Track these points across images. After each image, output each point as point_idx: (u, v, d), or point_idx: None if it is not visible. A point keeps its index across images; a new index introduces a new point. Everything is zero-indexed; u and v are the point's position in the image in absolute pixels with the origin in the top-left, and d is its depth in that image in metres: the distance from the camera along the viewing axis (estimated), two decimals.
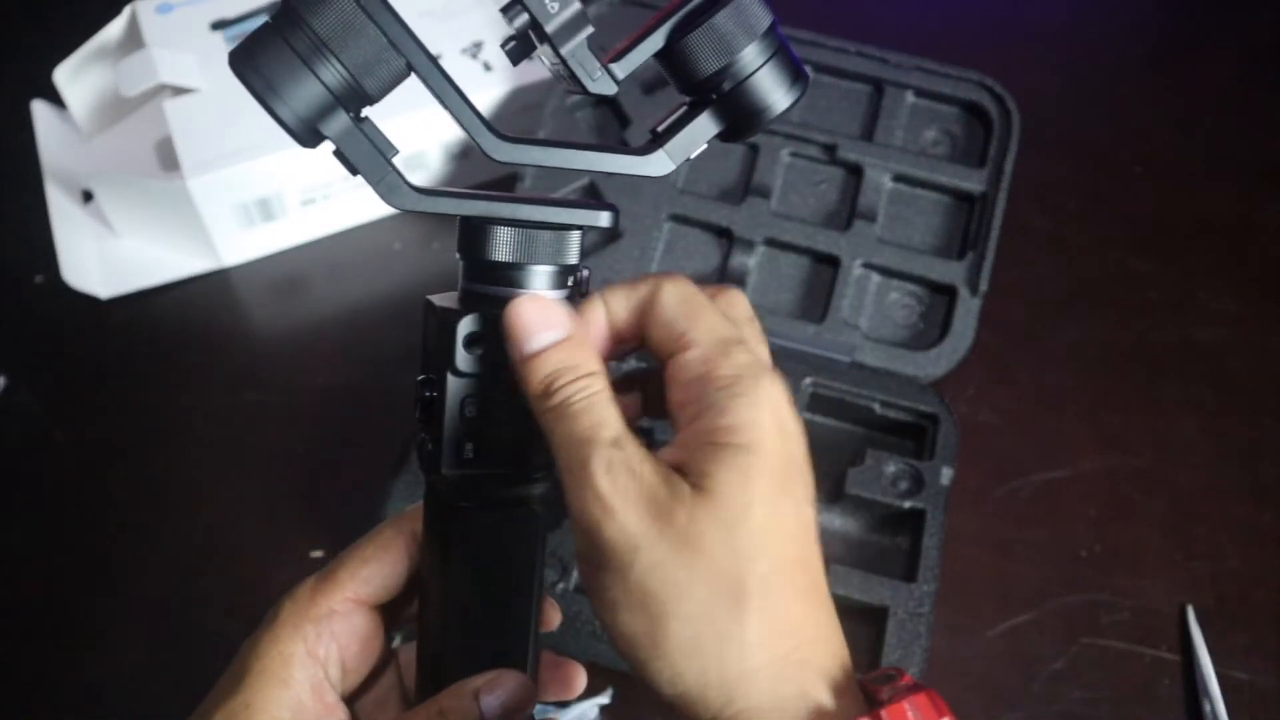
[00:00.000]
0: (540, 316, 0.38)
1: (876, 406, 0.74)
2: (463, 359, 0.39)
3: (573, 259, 0.40)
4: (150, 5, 0.83)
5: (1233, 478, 0.77)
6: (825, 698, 0.35)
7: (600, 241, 0.80)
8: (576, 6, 0.37)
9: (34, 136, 0.85)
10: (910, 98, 0.84)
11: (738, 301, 0.40)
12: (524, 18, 0.37)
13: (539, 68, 0.86)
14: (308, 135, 0.38)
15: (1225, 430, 0.79)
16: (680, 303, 0.39)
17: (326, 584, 0.43)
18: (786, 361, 0.75)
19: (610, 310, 0.40)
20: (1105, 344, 0.82)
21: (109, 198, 0.80)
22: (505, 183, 0.83)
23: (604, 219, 0.40)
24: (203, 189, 0.76)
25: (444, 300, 0.40)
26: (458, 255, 0.40)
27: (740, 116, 0.39)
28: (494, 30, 0.85)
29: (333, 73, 0.37)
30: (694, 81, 0.38)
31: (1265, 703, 0.68)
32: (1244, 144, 0.92)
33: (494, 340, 0.39)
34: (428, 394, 0.40)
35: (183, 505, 0.74)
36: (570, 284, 0.40)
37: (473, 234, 0.39)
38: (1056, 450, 0.78)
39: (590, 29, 0.37)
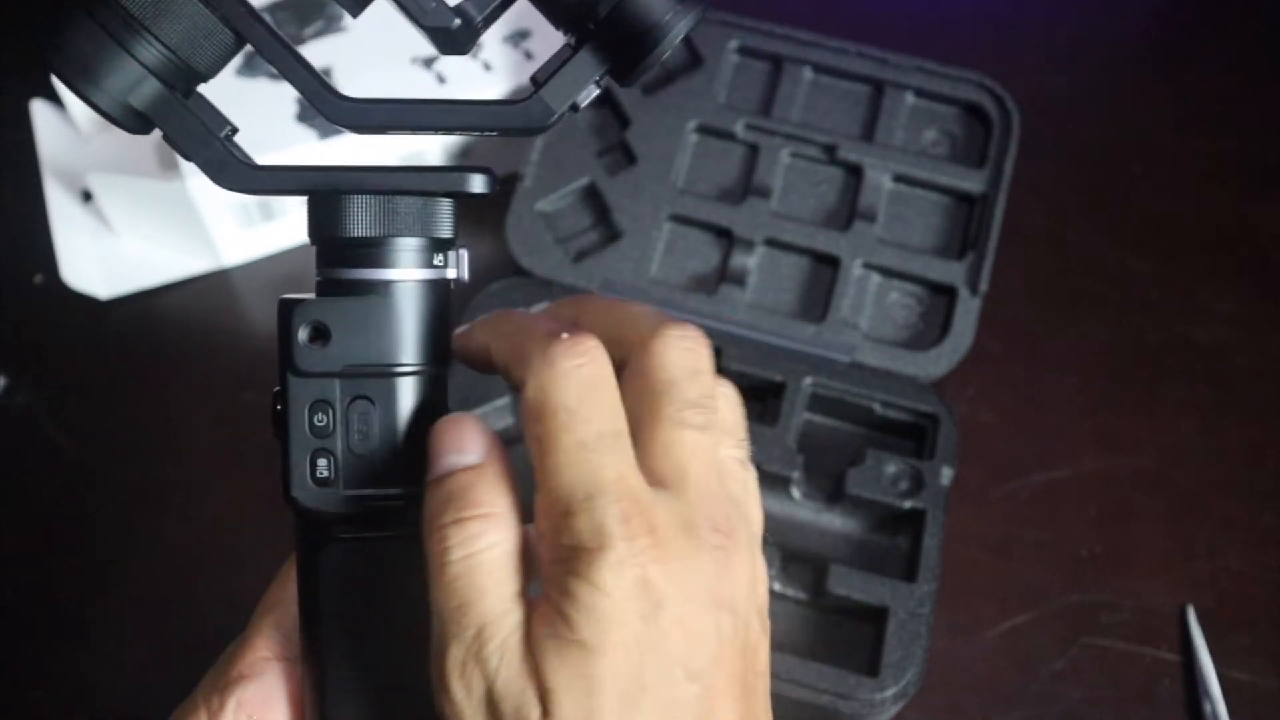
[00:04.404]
0: (453, 436, 0.33)
1: (876, 406, 0.74)
2: (304, 355, 0.34)
3: (445, 231, 0.35)
4: None
5: (1233, 478, 0.77)
6: None
7: (599, 242, 0.80)
8: None
9: (34, 136, 0.85)
10: (910, 98, 0.84)
11: (702, 346, 0.34)
12: None
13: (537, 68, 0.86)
14: (133, 121, 0.35)
15: (1225, 430, 0.79)
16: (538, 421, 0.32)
17: (240, 644, 0.38)
18: (787, 361, 0.75)
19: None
20: (1105, 344, 0.82)
21: (109, 198, 0.80)
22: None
23: (477, 183, 0.35)
24: (203, 189, 0.76)
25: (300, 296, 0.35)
26: (310, 242, 0.36)
27: (624, 44, 0.33)
28: (496, 29, 0.84)
29: (152, 52, 0.34)
30: (565, 12, 0.33)
31: (1266, 703, 0.68)
32: (1244, 144, 0.92)
33: (349, 334, 0.34)
34: (277, 406, 0.35)
35: (182, 506, 0.74)
36: (441, 262, 0.35)
37: (325, 210, 0.35)
38: (1056, 450, 0.77)
39: None
